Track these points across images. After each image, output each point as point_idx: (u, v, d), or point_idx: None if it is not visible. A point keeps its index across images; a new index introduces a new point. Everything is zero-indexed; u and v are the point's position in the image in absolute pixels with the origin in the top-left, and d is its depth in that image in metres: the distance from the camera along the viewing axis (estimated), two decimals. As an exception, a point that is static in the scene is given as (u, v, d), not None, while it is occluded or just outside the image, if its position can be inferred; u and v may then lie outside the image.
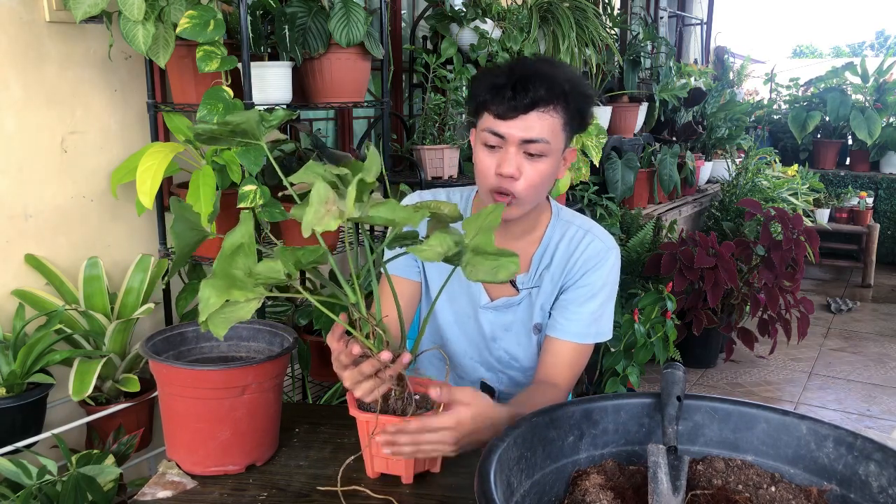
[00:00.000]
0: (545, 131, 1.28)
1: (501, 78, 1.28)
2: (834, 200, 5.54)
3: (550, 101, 1.27)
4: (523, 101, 1.26)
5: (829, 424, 0.92)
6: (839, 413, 3.39)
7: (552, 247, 1.44)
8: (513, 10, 2.89)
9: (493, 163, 1.30)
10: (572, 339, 1.41)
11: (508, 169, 1.28)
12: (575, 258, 1.42)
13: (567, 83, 1.29)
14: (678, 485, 0.88)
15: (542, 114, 1.27)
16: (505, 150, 1.29)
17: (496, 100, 1.27)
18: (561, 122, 1.30)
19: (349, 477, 1.15)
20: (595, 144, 2.84)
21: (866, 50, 15.22)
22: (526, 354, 1.50)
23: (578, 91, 1.31)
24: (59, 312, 1.66)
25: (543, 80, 1.26)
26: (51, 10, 1.76)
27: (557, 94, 1.27)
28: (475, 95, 1.32)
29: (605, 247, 1.43)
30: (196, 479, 1.16)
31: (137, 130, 2.01)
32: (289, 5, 1.94)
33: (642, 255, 3.56)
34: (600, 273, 1.42)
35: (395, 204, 0.91)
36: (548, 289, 1.45)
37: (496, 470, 0.80)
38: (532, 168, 1.30)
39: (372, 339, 1.04)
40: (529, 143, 1.28)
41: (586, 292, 1.42)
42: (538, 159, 1.30)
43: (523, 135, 1.27)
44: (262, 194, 1.78)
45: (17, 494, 1.33)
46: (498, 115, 1.28)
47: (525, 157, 1.29)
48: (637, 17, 4.90)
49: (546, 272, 1.44)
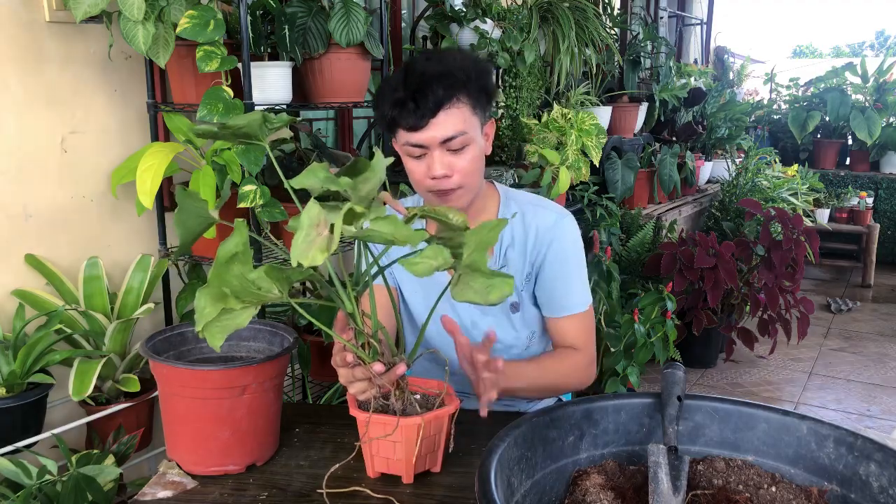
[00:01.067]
0: (459, 125, 1.32)
1: (399, 91, 1.31)
2: (834, 200, 5.54)
3: (451, 95, 1.31)
4: (427, 108, 1.30)
5: (830, 424, 0.92)
6: (839, 413, 3.39)
7: (509, 225, 1.48)
8: (513, 10, 2.89)
9: (424, 168, 1.35)
10: (572, 312, 1.48)
11: (439, 171, 1.33)
12: (534, 233, 1.48)
13: (459, 71, 1.32)
14: (678, 485, 0.88)
15: (448, 111, 1.31)
16: (430, 154, 1.34)
17: (403, 114, 1.31)
18: (469, 108, 1.34)
19: (349, 477, 1.15)
20: (595, 144, 2.84)
21: (866, 50, 15.23)
22: (506, 334, 1.54)
23: (474, 72, 1.35)
24: (59, 312, 1.66)
25: (438, 79, 1.30)
26: (51, 10, 1.76)
27: (455, 87, 1.31)
28: (383, 115, 1.36)
29: (558, 215, 1.49)
30: (196, 479, 1.16)
31: (137, 130, 2.01)
32: (289, 5, 1.94)
33: (642, 255, 3.56)
34: (564, 240, 1.48)
35: (396, 221, 0.88)
36: (517, 265, 1.49)
37: (496, 470, 0.80)
38: (460, 160, 1.35)
39: (367, 349, 1.05)
40: (450, 141, 1.33)
41: (561, 263, 1.48)
42: (463, 150, 1.35)
43: (441, 135, 1.31)
44: (262, 194, 1.78)
45: (17, 494, 1.33)
46: (410, 128, 1.32)
47: (450, 153, 1.34)
48: (637, 17, 4.90)
49: (510, 250, 1.49)
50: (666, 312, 2.86)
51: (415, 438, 1.08)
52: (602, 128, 2.92)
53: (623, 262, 3.55)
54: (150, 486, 1.13)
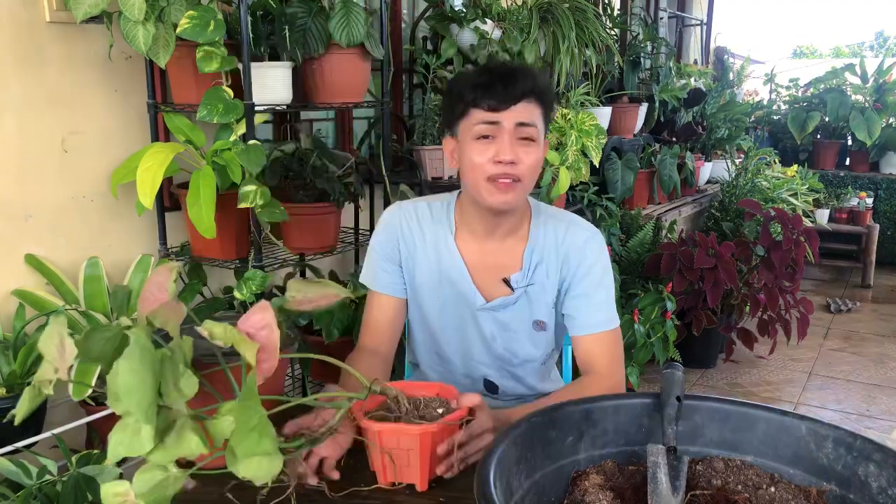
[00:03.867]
0: (534, 117, 1.36)
1: (484, 77, 1.35)
2: (833, 201, 5.54)
3: (534, 92, 1.35)
4: (513, 93, 1.33)
5: (829, 425, 0.93)
6: (839, 413, 3.39)
7: (540, 242, 1.47)
8: (513, 11, 2.90)
9: (489, 153, 1.35)
10: (597, 331, 1.45)
11: (508, 155, 1.33)
12: (565, 250, 1.46)
13: (542, 77, 1.40)
14: (677, 485, 0.88)
15: (527, 104, 1.35)
16: (500, 138, 1.34)
17: (486, 95, 1.33)
18: (541, 113, 1.38)
19: (349, 477, 1.15)
20: (595, 145, 2.84)
21: (866, 50, 15.22)
22: (526, 350, 1.52)
23: (550, 89, 1.44)
24: (59, 312, 1.66)
25: (525, 75, 1.36)
26: (51, 11, 1.76)
27: (538, 88, 1.36)
28: (460, 97, 1.37)
29: (589, 234, 1.48)
30: (196, 478, 1.16)
31: (137, 130, 2.01)
32: (289, 6, 1.94)
33: (642, 255, 3.56)
34: (594, 259, 1.46)
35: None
36: (546, 284, 1.47)
37: (496, 470, 0.80)
38: (527, 153, 1.36)
39: None
40: (524, 127, 1.34)
41: (591, 281, 1.45)
42: (531, 144, 1.36)
43: (518, 118, 1.34)
44: (262, 195, 1.78)
45: (17, 494, 1.33)
46: (490, 108, 1.34)
47: (519, 143, 1.35)
48: (637, 17, 4.90)
49: (540, 267, 1.47)
50: (665, 313, 2.87)
51: (429, 446, 1.08)
52: (602, 128, 2.92)
53: (623, 262, 3.55)
54: (150, 486, 1.13)
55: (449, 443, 1.09)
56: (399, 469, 1.11)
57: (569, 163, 2.75)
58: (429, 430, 1.07)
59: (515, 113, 1.33)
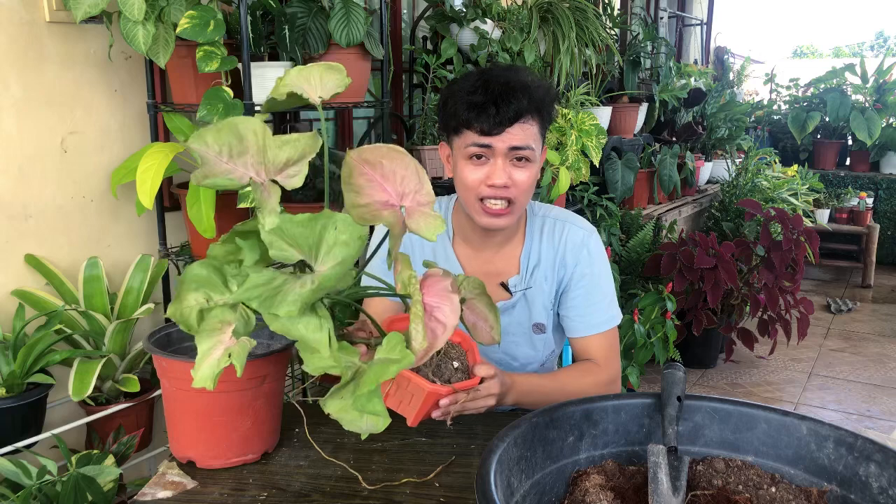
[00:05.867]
0: (529, 139, 1.32)
1: (478, 95, 1.30)
2: (834, 201, 5.54)
3: (530, 111, 1.31)
4: (507, 115, 1.29)
5: (830, 425, 0.92)
6: (839, 413, 3.39)
7: (536, 243, 1.47)
8: (513, 11, 2.89)
9: (481, 174, 1.33)
10: (598, 330, 1.45)
11: (500, 179, 1.31)
12: (562, 251, 1.45)
13: (540, 89, 1.33)
14: (678, 485, 0.88)
15: (523, 124, 1.32)
16: (493, 161, 1.33)
17: (480, 118, 1.30)
18: (538, 129, 1.35)
19: (349, 477, 1.15)
20: (595, 145, 2.84)
21: (866, 50, 15.23)
22: (524, 354, 1.52)
23: (550, 96, 1.36)
24: (59, 312, 1.66)
25: (522, 91, 1.30)
26: (51, 10, 1.76)
27: (536, 104, 1.32)
28: (454, 114, 1.34)
29: (586, 233, 1.47)
30: (196, 478, 1.16)
31: (137, 130, 2.01)
32: (289, 5, 1.94)
33: (642, 255, 3.56)
34: (592, 259, 1.45)
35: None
36: (544, 287, 1.47)
37: (496, 470, 0.80)
38: (520, 174, 1.33)
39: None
40: (517, 150, 1.32)
41: (589, 281, 1.45)
42: (525, 165, 1.34)
43: (511, 143, 1.31)
44: (262, 194, 1.78)
45: (17, 494, 1.33)
46: (483, 132, 1.31)
47: (512, 164, 1.33)
48: (637, 17, 4.90)
49: (537, 270, 1.46)
50: (666, 313, 2.86)
51: (432, 402, 1.09)
52: (602, 128, 2.92)
53: (623, 262, 3.55)
54: (150, 486, 1.13)
55: (453, 399, 1.10)
56: (399, 404, 1.11)
57: (569, 163, 2.75)
58: (438, 391, 1.08)
59: (509, 136, 1.31)
